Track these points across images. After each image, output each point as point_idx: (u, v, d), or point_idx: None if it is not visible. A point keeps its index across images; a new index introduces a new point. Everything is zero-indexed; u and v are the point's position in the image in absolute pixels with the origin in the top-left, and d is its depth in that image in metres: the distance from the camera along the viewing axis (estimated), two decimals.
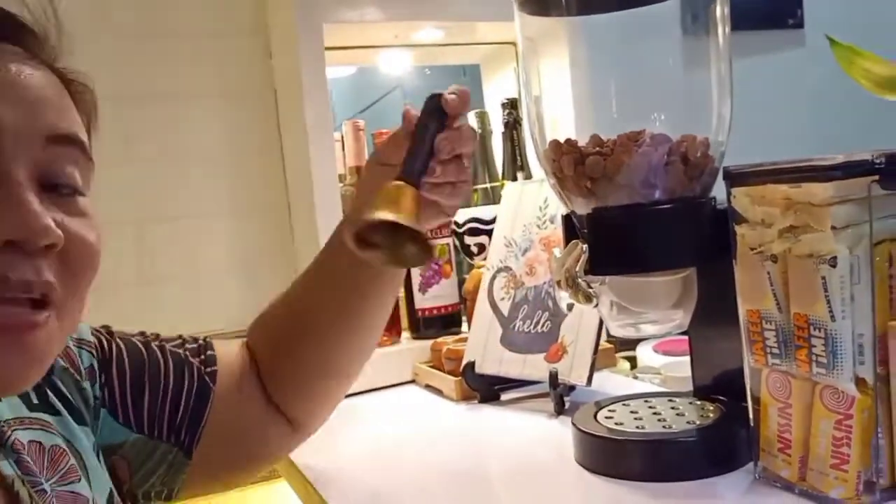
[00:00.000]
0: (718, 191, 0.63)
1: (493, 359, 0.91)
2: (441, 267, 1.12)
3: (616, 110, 0.67)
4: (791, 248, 0.54)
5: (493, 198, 1.26)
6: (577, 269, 0.62)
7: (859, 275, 0.51)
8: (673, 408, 0.70)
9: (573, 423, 0.69)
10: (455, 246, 1.15)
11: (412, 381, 1.06)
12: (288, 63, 1.08)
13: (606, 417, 0.69)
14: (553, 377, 0.82)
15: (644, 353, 1.11)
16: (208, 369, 0.64)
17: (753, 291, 0.58)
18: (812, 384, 0.55)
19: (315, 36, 1.01)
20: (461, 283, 1.15)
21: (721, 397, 0.71)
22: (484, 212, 1.12)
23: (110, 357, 0.59)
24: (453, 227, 1.14)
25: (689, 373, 0.76)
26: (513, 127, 1.22)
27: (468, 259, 1.15)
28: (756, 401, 0.60)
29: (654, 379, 1.03)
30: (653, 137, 0.62)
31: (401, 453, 0.81)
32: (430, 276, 1.11)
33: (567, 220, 0.66)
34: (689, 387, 0.75)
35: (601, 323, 0.82)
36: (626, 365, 1.11)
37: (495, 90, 1.39)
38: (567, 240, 0.66)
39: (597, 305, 0.63)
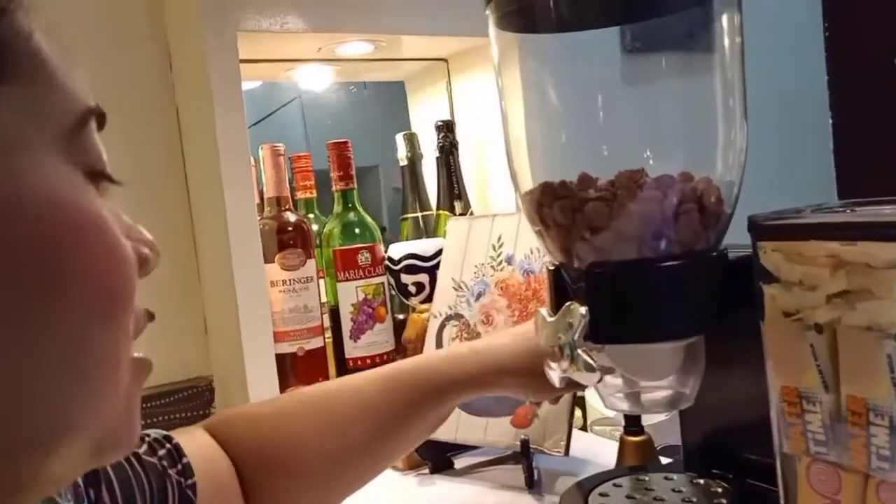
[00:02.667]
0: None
1: (448, 423, 0.79)
2: (374, 310, 0.99)
3: (608, 145, 0.57)
4: (842, 316, 0.46)
5: (424, 229, 1.15)
6: (577, 336, 0.52)
7: None
8: (674, 490, 0.61)
9: None
10: (389, 284, 1.03)
11: None
12: (193, 77, 0.93)
13: None
14: (525, 446, 0.72)
15: (595, 400, 1.02)
16: (188, 482, 0.51)
17: (791, 365, 0.49)
18: (865, 478, 0.47)
19: (227, 47, 0.87)
20: (397, 326, 1.03)
21: (719, 472, 0.63)
22: (422, 246, 1.01)
23: (97, 470, 0.46)
24: (387, 263, 1.02)
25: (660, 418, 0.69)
26: (449, 152, 1.11)
27: (404, 300, 1.03)
28: (789, 492, 0.51)
29: (614, 432, 0.95)
30: (658, 179, 0.52)
31: None
32: (362, 320, 0.99)
33: (556, 275, 0.56)
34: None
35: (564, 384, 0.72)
36: (577, 412, 1.03)
37: (423, 110, 1.29)
38: (557, 298, 0.56)
39: (601, 380, 0.53)
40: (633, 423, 0.73)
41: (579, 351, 0.52)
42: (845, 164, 1.91)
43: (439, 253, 1.01)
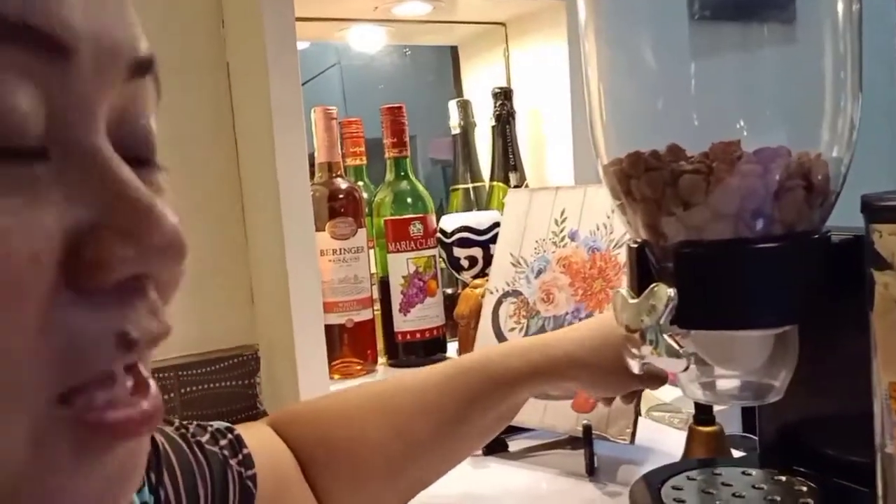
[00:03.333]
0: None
1: None
2: (426, 283, 0.96)
3: (698, 114, 0.53)
4: None
5: (475, 201, 1.12)
6: (663, 319, 0.48)
7: None
8: (754, 486, 0.57)
9: None
10: (441, 258, 0.99)
11: None
12: (246, 33, 0.90)
13: (676, 501, 0.56)
14: (587, 432, 0.68)
15: None
16: (248, 472, 0.49)
17: None
18: None
19: (283, 1, 0.83)
20: (447, 301, 1.00)
21: (801, 469, 0.59)
22: (476, 219, 0.98)
23: (159, 456, 0.43)
24: (439, 235, 0.99)
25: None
26: (505, 121, 1.07)
27: (456, 274, 1.00)
28: (888, 494, 0.47)
29: (673, 419, 0.91)
30: (758, 152, 0.48)
31: None
32: (412, 293, 0.96)
33: (640, 253, 0.52)
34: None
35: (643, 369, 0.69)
36: None
37: (475, 77, 1.25)
38: (639, 278, 0.52)
39: (687, 368, 0.49)
40: (703, 412, 0.69)
41: (664, 336, 0.48)
42: None
43: (494, 226, 0.98)
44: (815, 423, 0.59)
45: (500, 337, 0.79)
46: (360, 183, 1.09)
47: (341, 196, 0.93)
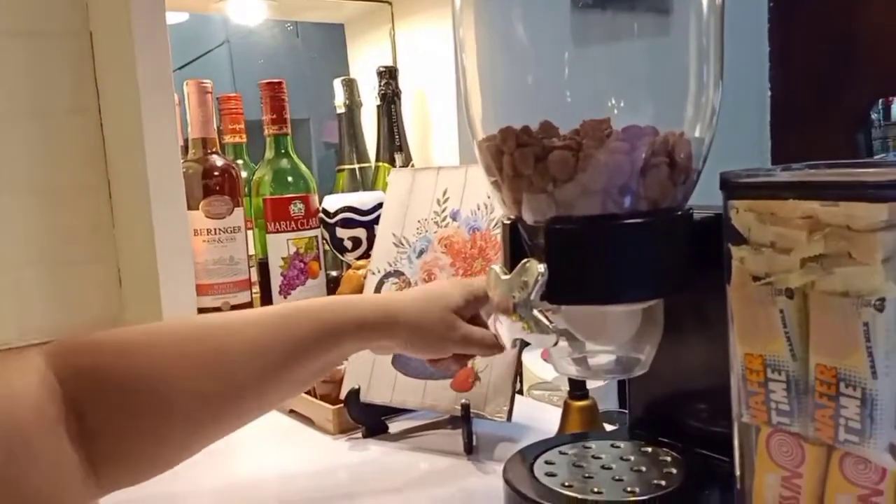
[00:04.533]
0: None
1: (383, 385, 0.75)
2: (307, 265, 0.94)
3: (571, 92, 0.53)
4: (816, 281, 0.43)
5: (361, 182, 1.10)
6: (534, 294, 0.48)
7: None
8: (622, 458, 0.59)
9: (508, 482, 0.56)
10: (324, 239, 0.97)
11: None
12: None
13: (547, 475, 0.57)
14: (465, 411, 0.69)
15: (532, 362, 1.00)
16: None
17: (757, 332, 0.47)
18: (828, 450, 0.45)
19: None
20: (330, 283, 0.98)
21: (667, 440, 0.61)
22: (360, 199, 0.96)
23: None
24: (321, 215, 0.97)
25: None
26: (391, 100, 1.06)
27: (339, 256, 0.98)
28: (745, 463, 0.49)
29: (552, 397, 0.93)
30: (626, 130, 0.49)
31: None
32: (292, 275, 0.93)
33: (512, 229, 0.52)
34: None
35: (522, 345, 0.70)
36: None
37: (362, 56, 1.22)
38: (512, 255, 0.52)
39: (557, 343, 0.50)
40: (577, 388, 0.70)
41: (535, 311, 0.49)
42: (781, 136, 1.94)
43: (378, 207, 0.96)
44: (680, 396, 0.62)
45: None
46: (240, 161, 1.05)
47: (216, 174, 0.89)
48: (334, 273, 1.00)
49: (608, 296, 0.50)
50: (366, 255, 0.96)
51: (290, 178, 0.94)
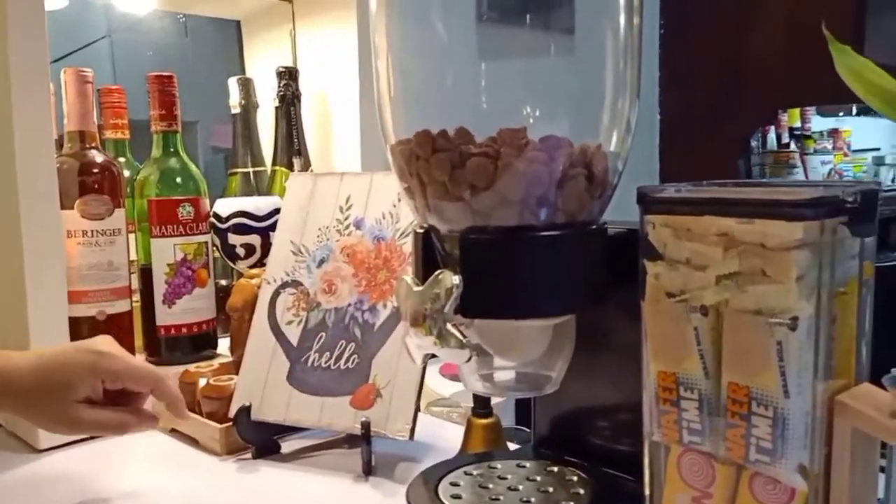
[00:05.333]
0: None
1: (276, 401, 0.71)
2: (195, 272, 0.88)
3: (487, 102, 0.52)
4: (730, 299, 0.44)
5: (255, 186, 1.05)
6: (448, 308, 0.46)
7: (817, 338, 0.42)
8: (529, 478, 0.57)
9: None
10: (214, 245, 0.92)
11: None
12: None
13: (452, 496, 0.54)
14: (366, 429, 0.65)
15: (430, 378, 0.98)
16: None
17: (670, 349, 0.47)
18: (738, 469, 0.45)
19: None
20: (219, 293, 0.92)
21: (573, 459, 0.60)
22: (255, 204, 0.91)
23: None
24: (213, 220, 0.91)
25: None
26: (290, 102, 1.02)
27: (230, 263, 0.93)
28: (654, 482, 0.49)
29: (451, 413, 0.91)
30: (544, 140, 0.48)
31: None
32: (178, 283, 0.87)
33: (425, 239, 0.50)
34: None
35: (426, 360, 0.67)
36: None
37: (260, 56, 1.18)
38: (425, 265, 0.50)
39: (470, 359, 0.47)
40: (482, 405, 0.69)
41: (448, 326, 0.47)
42: (669, 157, 2.02)
43: (275, 212, 0.92)
44: (587, 414, 0.61)
45: (277, 331, 0.74)
46: (122, 159, 0.98)
47: (95, 170, 0.82)
48: (224, 282, 0.94)
49: (525, 309, 0.48)
50: (259, 263, 0.91)
51: (178, 179, 0.88)
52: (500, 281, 0.47)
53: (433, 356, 0.50)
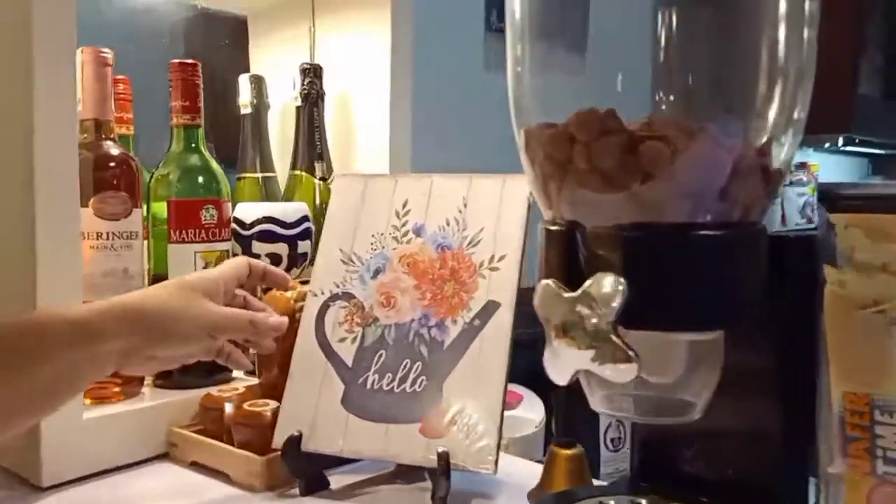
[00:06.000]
0: None
1: (330, 430, 0.63)
2: None
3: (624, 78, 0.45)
4: None
5: (266, 193, 0.97)
6: (613, 317, 0.40)
7: None
8: None
9: None
10: (234, 255, 0.83)
11: (165, 456, 0.73)
12: None
13: None
14: (444, 461, 0.58)
15: None
16: None
17: (862, 368, 0.41)
18: None
19: None
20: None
21: (703, 497, 0.53)
22: (282, 210, 0.83)
23: None
24: (235, 227, 0.83)
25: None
26: (314, 102, 0.94)
27: None
28: None
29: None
30: (713, 126, 0.42)
31: None
32: None
33: (567, 237, 0.43)
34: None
35: (507, 376, 0.60)
36: None
37: (270, 52, 1.10)
38: (561, 267, 0.43)
39: (637, 376, 0.41)
40: (564, 433, 0.62)
41: (613, 337, 0.40)
42: None
43: (304, 220, 0.84)
44: (702, 443, 0.55)
45: (328, 349, 0.66)
46: None
47: (112, 164, 0.73)
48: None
49: (701, 320, 0.42)
50: None
51: (201, 179, 0.79)
52: (671, 286, 0.41)
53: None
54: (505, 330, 0.62)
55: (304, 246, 0.83)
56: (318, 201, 0.93)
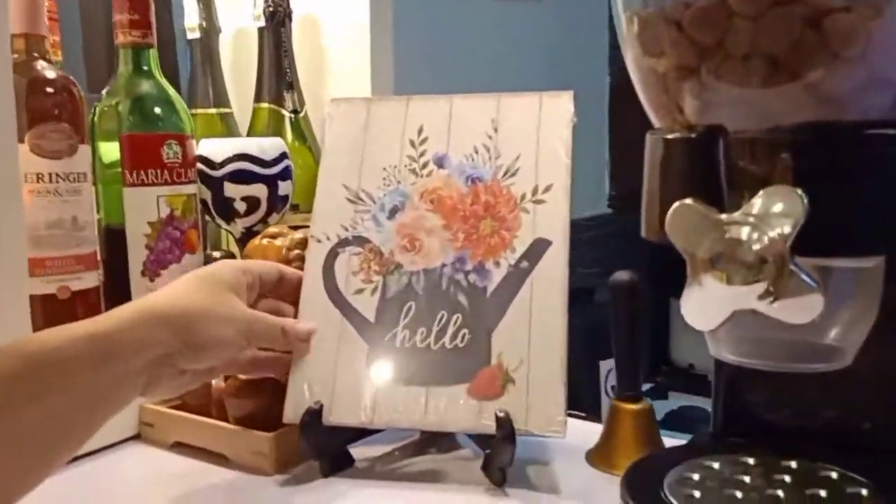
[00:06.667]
0: None
1: (355, 397, 0.53)
2: (184, 234, 0.67)
3: None
4: None
5: (224, 129, 0.85)
6: (790, 241, 0.32)
7: None
8: (778, 479, 0.44)
9: None
10: (204, 201, 0.71)
11: (136, 437, 0.61)
12: None
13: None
14: (507, 426, 0.49)
15: None
16: None
17: None
18: None
19: None
20: (208, 262, 0.71)
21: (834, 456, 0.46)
22: (259, 146, 0.71)
23: None
24: (202, 166, 0.70)
25: None
26: (280, 22, 0.81)
27: (223, 224, 0.72)
28: None
29: None
30: None
31: None
32: (163, 248, 0.66)
33: (707, 144, 0.35)
34: None
35: (566, 324, 0.52)
36: None
37: None
38: (706, 184, 0.35)
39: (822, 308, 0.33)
40: (629, 386, 0.55)
41: (792, 267, 0.32)
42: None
43: (283, 157, 0.72)
44: (811, 393, 0.48)
45: (341, 302, 0.56)
46: None
47: (50, 90, 0.59)
48: (217, 254, 0.73)
49: (868, 243, 0.34)
50: (263, 221, 0.71)
51: (157, 110, 0.66)
52: (853, 203, 0.33)
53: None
54: (560, 270, 0.53)
55: (285, 187, 0.71)
56: (290, 138, 0.81)
